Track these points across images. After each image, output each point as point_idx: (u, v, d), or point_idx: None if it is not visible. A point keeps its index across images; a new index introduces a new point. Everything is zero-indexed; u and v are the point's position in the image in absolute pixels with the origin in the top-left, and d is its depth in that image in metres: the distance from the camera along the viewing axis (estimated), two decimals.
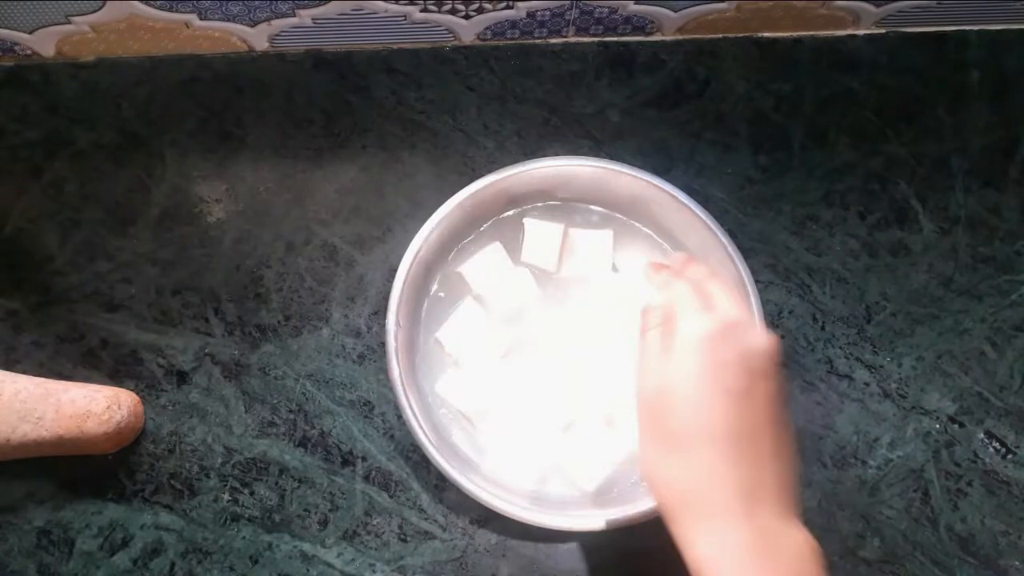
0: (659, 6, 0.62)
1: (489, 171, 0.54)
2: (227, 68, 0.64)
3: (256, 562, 0.51)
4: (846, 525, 0.53)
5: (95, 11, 0.59)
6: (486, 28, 0.63)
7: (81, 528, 0.52)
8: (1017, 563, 0.53)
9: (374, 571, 0.51)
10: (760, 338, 0.39)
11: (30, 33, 0.61)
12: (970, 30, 0.67)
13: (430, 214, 0.53)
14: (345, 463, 0.54)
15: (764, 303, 0.52)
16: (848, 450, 0.55)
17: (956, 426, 0.56)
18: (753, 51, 0.66)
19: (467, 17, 0.62)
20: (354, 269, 0.58)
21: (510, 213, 0.57)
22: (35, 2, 0.58)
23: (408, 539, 0.52)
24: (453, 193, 0.53)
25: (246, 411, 0.55)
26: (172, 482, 0.53)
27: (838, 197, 0.61)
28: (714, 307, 0.40)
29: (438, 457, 0.48)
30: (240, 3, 0.59)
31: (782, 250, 0.60)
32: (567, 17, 0.63)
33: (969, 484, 0.55)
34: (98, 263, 0.58)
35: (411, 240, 0.52)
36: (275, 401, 0.55)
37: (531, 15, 0.62)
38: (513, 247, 0.56)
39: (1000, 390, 0.57)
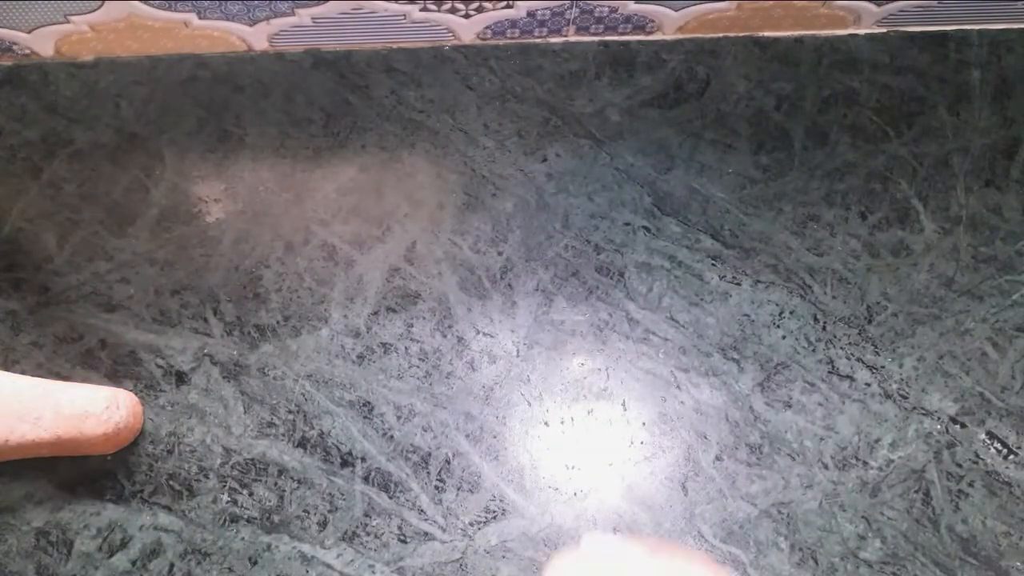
0: (659, 5, 0.62)
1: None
2: (226, 67, 0.63)
3: (255, 563, 0.51)
4: (847, 526, 0.53)
5: (94, 10, 0.59)
6: (486, 27, 0.63)
7: (80, 529, 0.52)
8: (1019, 564, 0.53)
9: (373, 572, 0.51)
10: None
11: (28, 32, 0.61)
12: (971, 29, 0.67)
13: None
14: (344, 464, 0.54)
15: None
16: (849, 451, 0.55)
17: (957, 427, 0.56)
18: (754, 50, 0.65)
19: (467, 16, 0.62)
20: (353, 269, 0.58)
21: None
22: (34, 1, 0.57)
23: (408, 540, 0.52)
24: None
25: (245, 412, 0.55)
26: (171, 483, 0.53)
27: (839, 197, 0.61)
28: None
29: None
30: (239, 2, 0.59)
31: (783, 250, 0.60)
32: (567, 16, 0.63)
33: (971, 485, 0.55)
34: (97, 263, 0.58)
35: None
36: (274, 401, 0.55)
37: (531, 14, 0.62)
38: None
39: (1001, 391, 0.57)
